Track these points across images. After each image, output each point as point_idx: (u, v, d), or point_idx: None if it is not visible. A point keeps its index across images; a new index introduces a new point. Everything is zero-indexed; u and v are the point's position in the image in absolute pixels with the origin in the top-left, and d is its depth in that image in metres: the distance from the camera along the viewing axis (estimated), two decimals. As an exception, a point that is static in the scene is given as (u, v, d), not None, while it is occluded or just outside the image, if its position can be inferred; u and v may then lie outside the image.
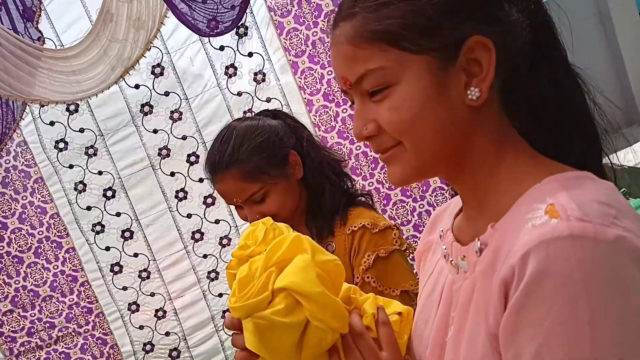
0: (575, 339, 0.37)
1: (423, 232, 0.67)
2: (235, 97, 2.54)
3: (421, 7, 0.45)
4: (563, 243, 0.39)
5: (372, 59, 0.47)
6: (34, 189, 2.63)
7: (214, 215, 2.66)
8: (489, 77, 0.47)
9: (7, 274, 2.70)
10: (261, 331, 0.54)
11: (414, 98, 0.47)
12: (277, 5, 2.46)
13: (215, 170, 1.04)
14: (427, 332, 0.56)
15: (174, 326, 2.76)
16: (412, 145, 0.49)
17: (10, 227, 2.65)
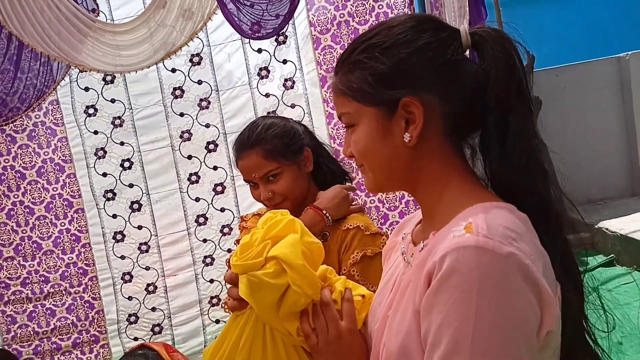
0: (464, 317, 0.53)
1: (392, 234, 0.83)
2: (262, 97, 2.75)
3: (367, 77, 0.64)
4: (469, 251, 0.54)
5: (343, 106, 0.68)
6: (57, 147, 2.82)
7: (221, 203, 2.84)
8: (418, 127, 0.63)
9: (17, 222, 2.87)
10: (252, 286, 0.70)
11: (366, 137, 0.66)
12: (318, 21, 2.69)
13: (242, 148, 1.22)
14: (379, 311, 0.70)
15: (161, 303, 2.92)
16: (369, 168, 0.68)
17: (28, 179, 2.84)
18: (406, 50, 0.63)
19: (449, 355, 0.53)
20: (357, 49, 0.67)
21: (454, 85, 0.63)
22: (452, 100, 0.64)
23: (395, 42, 0.64)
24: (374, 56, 0.64)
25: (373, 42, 0.65)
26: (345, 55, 0.69)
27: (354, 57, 0.66)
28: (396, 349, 0.61)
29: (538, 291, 0.55)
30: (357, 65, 0.66)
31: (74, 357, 2.89)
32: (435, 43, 0.64)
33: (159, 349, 1.40)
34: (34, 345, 2.87)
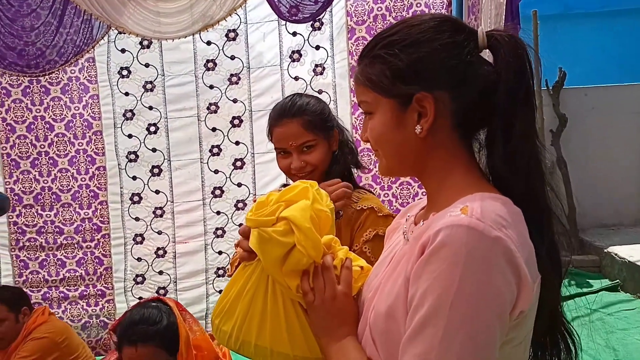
0: (447, 286, 0.59)
1: (397, 216, 0.91)
2: (291, 80, 2.84)
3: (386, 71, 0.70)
4: (462, 229, 0.60)
5: (362, 94, 0.74)
6: (87, 103, 2.96)
7: (239, 178, 2.95)
8: (429, 121, 0.69)
9: (40, 172, 3.02)
10: (262, 240, 0.77)
11: (381, 125, 0.72)
12: (355, 12, 2.77)
13: (283, 115, 1.26)
14: (374, 282, 0.77)
15: (169, 267, 3.05)
16: (382, 154, 0.75)
17: (56, 131, 2.98)
18: (424, 50, 0.69)
19: (428, 318, 0.60)
20: (379, 44, 0.72)
21: (465, 85, 0.68)
22: (462, 99, 0.69)
23: (414, 41, 0.69)
24: (394, 52, 0.69)
25: (394, 38, 0.71)
26: (367, 49, 0.74)
27: (376, 51, 0.72)
28: (384, 311, 0.68)
29: (518, 274, 0.61)
30: (378, 59, 0.71)
31: (80, 307, 3.04)
32: (451, 44, 0.69)
33: (171, 304, 1.51)
34: (43, 292, 3.03)
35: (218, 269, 3.01)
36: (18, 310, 2.04)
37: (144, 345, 1.36)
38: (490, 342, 0.60)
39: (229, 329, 0.83)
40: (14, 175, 3.02)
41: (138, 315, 1.42)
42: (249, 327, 0.82)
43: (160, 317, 1.42)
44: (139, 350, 1.36)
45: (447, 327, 0.59)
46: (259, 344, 0.81)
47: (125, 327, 1.40)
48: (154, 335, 1.37)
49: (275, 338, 0.81)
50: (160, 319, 1.41)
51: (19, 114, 2.97)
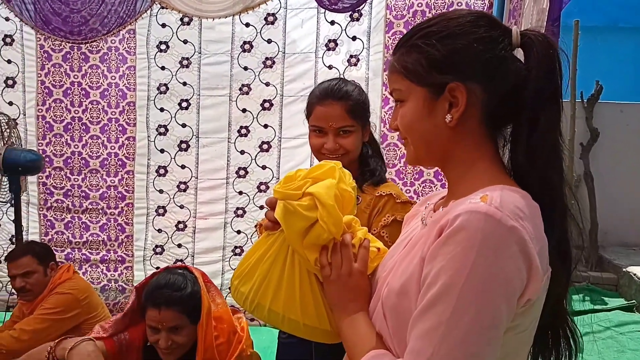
0: (460, 268, 0.63)
1: (417, 204, 0.95)
2: (325, 68, 2.89)
3: (422, 60, 0.73)
4: (479, 215, 0.63)
5: (396, 82, 0.77)
6: (124, 74, 3.06)
7: (264, 161, 3.02)
8: (460, 110, 0.72)
9: (71, 137, 3.14)
10: (287, 212, 0.82)
11: (412, 113, 0.75)
12: (395, 6, 2.81)
13: (328, 96, 1.30)
14: (389, 262, 0.81)
15: (187, 241, 3.15)
16: (411, 141, 0.78)
17: (91, 98, 3.09)
18: (460, 42, 0.71)
19: (440, 295, 0.64)
20: (417, 34, 0.75)
21: (497, 79, 0.71)
22: (493, 92, 0.72)
23: (451, 33, 0.72)
24: (431, 43, 0.73)
25: (432, 30, 0.74)
26: (405, 38, 0.77)
27: (413, 40, 0.75)
28: (397, 288, 0.72)
29: (529, 264, 0.64)
30: (415, 48, 0.74)
31: (100, 271, 3.17)
32: (487, 39, 0.71)
33: (197, 274, 1.54)
34: (66, 252, 3.16)
35: (235, 248, 3.10)
36: (46, 264, 2.15)
37: (167, 309, 1.41)
38: (497, 323, 0.63)
39: (246, 291, 0.88)
40: (47, 137, 3.15)
41: (164, 280, 1.47)
42: (265, 291, 0.87)
43: (185, 284, 1.47)
44: (162, 314, 1.41)
45: (457, 306, 0.62)
46: (272, 308, 0.86)
47: (151, 289, 1.46)
48: (177, 300, 1.41)
49: (288, 305, 0.86)
50: (184, 285, 1.46)
51: (57, 78, 3.09)
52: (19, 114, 3.09)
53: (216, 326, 1.48)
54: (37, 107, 3.12)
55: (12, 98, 3.13)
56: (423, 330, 0.64)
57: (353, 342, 0.77)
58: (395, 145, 2.91)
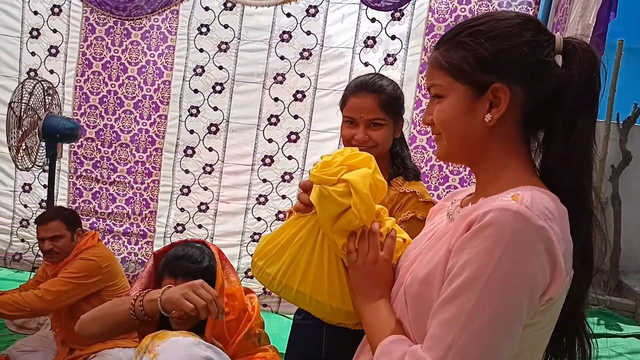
0: (487, 261, 0.65)
1: (442, 199, 0.97)
2: (361, 64, 2.91)
3: (469, 58, 0.74)
4: (510, 213, 0.65)
5: (437, 78, 0.78)
6: (163, 52, 3.12)
7: (290, 151, 3.06)
8: (501, 111, 0.74)
9: (106, 109, 3.22)
10: (321, 196, 0.84)
11: (451, 110, 0.76)
12: (438, 9, 2.80)
13: (363, 87, 1.34)
14: (412, 253, 0.84)
15: (208, 223, 3.21)
16: (445, 137, 0.79)
17: (129, 73, 3.17)
18: (508, 43, 0.73)
19: (463, 287, 0.66)
20: (464, 31, 0.76)
21: (539, 83, 0.73)
22: (533, 95, 0.74)
23: (500, 34, 0.73)
24: (479, 41, 0.74)
25: (481, 29, 0.75)
26: (451, 34, 0.78)
27: (460, 37, 0.76)
28: (421, 277, 0.74)
29: (553, 264, 0.66)
30: (462, 46, 0.75)
31: (121, 243, 3.25)
32: (534, 43, 0.73)
33: (214, 251, 1.56)
34: (92, 221, 3.26)
35: (254, 234, 3.14)
36: (74, 230, 2.23)
37: (182, 280, 1.43)
38: (517, 318, 0.65)
39: (273, 272, 0.90)
40: (83, 108, 3.24)
41: (183, 251, 1.49)
42: (294, 273, 0.89)
43: (202, 258, 1.49)
44: (177, 283, 1.42)
45: (480, 297, 0.65)
46: (300, 289, 0.89)
47: (169, 259, 1.49)
48: (193, 272, 1.44)
49: (315, 287, 0.88)
50: (201, 259, 1.48)
51: (98, 51, 3.18)
52: (59, 82, 3.19)
53: (227, 303, 1.50)
54: (76, 77, 3.21)
55: (53, 67, 3.22)
56: (445, 319, 0.67)
57: (374, 327, 0.80)
58: (423, 148, 2.91)
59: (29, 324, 2.50)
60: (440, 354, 0.65)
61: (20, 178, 3.37)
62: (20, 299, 2.01)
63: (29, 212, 3.39)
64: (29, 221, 3.38)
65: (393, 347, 0.73)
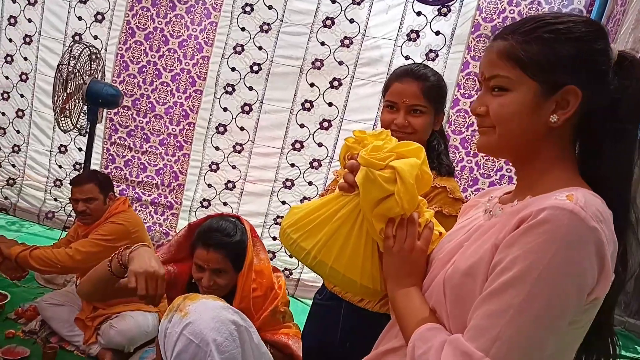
0: (539, 258, 0.66)
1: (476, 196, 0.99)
2: (401, 57, 2.91)
3: (549, 55, 0.74)
4: (565, 212, 0.67)
5: (505, 70, 0.77)
6: (205, 28, 3.18)
7: (321, 138, 3.10)
8: (569, 113, 0.75)
9: (144, 79, 3.31)
10: (367, 178, 0.86)
11: (516, 105, 0.76)
12: (486, 8, 2.78)
13: (408, 74, 1.36)
14: (447, 246, 0.86)
15: (233, 201, 3.29)
16: (500, 132, 0.78)
17: (169, 46, 3.24)
18: (586, 47, 0.74)
19: (513, 281, 0.68)
20: (542, 27, 0.76)
21: (602, 90, 0.76)
22: (596, 102, 0.76)
23: (580, 37, 0.74)
24: (561, 40, 0.74)
25: (560, 27, 0.75)
26: (526, 27, 0.77)
27: (539, 32, 0.75)
28: (464, 268, 0.76)
29: (602, 264, 0.68)
30: (540, 41, 0.75)
31: (148, 212, 3.36)
32: (604, 51, 0.76)
33: (247, 227, 1.62)
34: (121, 188, 3.37)
35: (277, 217, 3.21)
36: (106, 193, 2.32)
37: (215, 251, 1.51)
38: (564, 315, 0.68)
39: (308, 247, 0.93)
40: (122, 75, 3.33)
41: (217, 224, 1.56)
42: (329, 250, 0.92)
43: (235, 232, 1.55)
44: (210, 254, 1.51)
45: (530, 292, 0.67)
46: (334, 266, 0.91)
47: (204, 230, 1.55)
48: (225, 245, 1.51)
49: (349, 265, 0.92)
50: (234, 233, 1.55)
51: (142, 20, 3.26)
52: (101, 48, 3.28)
53: (255, 279, 1.56)
54: (118, 45, 3.31)
55: (98, 33, 3.32)
56: (491, 311, 0.69)
57: (407, 312, 0.83)
58: (455, 149, 2.91)
59: (56, 279, 2.63)
60: (485, 345, 0.67)
61: (57, 139, 3.50)
62: (53, 256, 2.12)
63: (62, 173, 3.53)
64: (62, 181, 3.53)
65: (431, 335, 0.75)
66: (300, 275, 3.20)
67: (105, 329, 2.15)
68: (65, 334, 2.21)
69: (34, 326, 2.25)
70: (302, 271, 3.20)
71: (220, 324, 1.06)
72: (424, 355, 0.73)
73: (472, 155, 2.90)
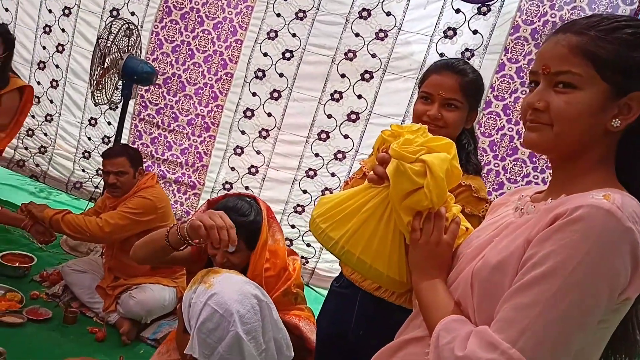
0: (573, 254, 0.68)
1: (506, 194, 0.99)
2: (436, 54, 2.92)
3: (629, 59, 0.74)
4: (602, 211, 0.68)
5: (578, 66, 0.75)
6: (241, 11, 3.23)
7: (348, 130, 3.14)
8: (631, 119, 0.76)
9: (176, 59, 3.40)
10: (397, 170, 0.88)
11: (584, 105, 0.75)
12: (527, 10, 2.77)
13: (447, 67, 1.37)
14: (475, 241, 0.88)
15: (255, 186, 3.37)
16: (558, 130, 0.77)
17: (204, 27, 3.31)
18: None
19: (545, 276, 0.69)
20: (622, 29, 0.75)
21: None
22: None
23: None
24: (639, 45, 0.74)
25: (638, 32, 0.75)
26: (604, 25, 0.76)
27: (620, 33, 0.75)
28: (494, 262, 0.77)
29: (635, 265, 0.69)
30: (621, 43, 0.75)
31: (171, 190, 3.47)
32: None
33: (263, 208, 1.66)
34: (147, 164, 3.48)
35: (297, 206, 3.28)
36: (136, 168, 2.42)
37: None
38: (594, 312, 0.69)
39: (336, 236, 0.96)
40: (156, 53, 3.43)
41: (232, 203, 1.60)
42: (357, 241, 0.94)
43: (250, 211, 1.59)
44: None
45: (561, 287, 0.68)
46: (361, 257, 0.94)
47: (219, 208, 1.57)
48: (239, 225, 1.51)
49: (376, 256, 0.94)
50: (249, 213, 1.59)
51: (179, 0, 3.34)
52: (137, 25, 3.38)
53: (269, 259, 1.60)
54: (154, 22, 3.40)
55: (135, 9, 3.42)
56: (520, 304, 0.70)
57: (433, 303, 0.86)
58: (483, 151, 2.92)
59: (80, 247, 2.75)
60: (512, 337, 0.69)
61: (88, 112, 3.63)
62: (83, 223, 2.23)
63: (91, 145, 3.66)
64: (90, 153, 3.66)
65: (456, 326, 0.77)
66: (316, 264, 3.27)
67: (125, 299, 2.25)
68: (86, 300, 2.33)
69: (57, 290, 2.37)
70: (318, 261, 3.27)
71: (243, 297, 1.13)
72: (448, 345, 0.75)
73: (500, 159, 2.91)
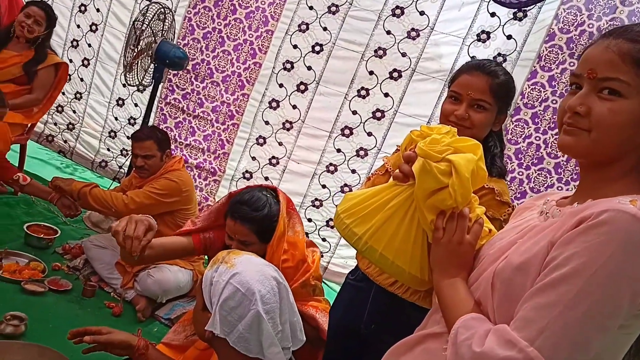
0: (596, 257, 0.69)
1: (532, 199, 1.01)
2: (467, 57, 2.93)
3: None
4: (627, 216, 0.69)
5: (627, 75, 0.76)
6: (274, 1, 3.27)
7: (372, 128, 3.17)
8: None
9: (207, 45, 3.47)
10: (423, 169, 0.91)
11: (627, 114, 0.76)
12: (564, 19, 2.77)
13: (478, 68, 1.37)
14: (497, 242, 0.89)
15: (275, 177, 3.43)
16: (596, 137, 0.78)
17: (237, 15, 3.36)
18: None
19: (567, 277, 0.70)
20: None
21: None
22: None
23: None
24: None
25: None
26: None
27: None
28: (517, 263, 0.79)
29: None
30: None
31: (192, 175, 3.55)
32: None
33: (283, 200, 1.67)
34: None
35: (315, 200, 3.33)
36: (164, 151, 2.50)
37: (241, 224, 1.60)
38: (615, 315, 0.70)
39: (360, 232, 0.99)
40: (187, 39, 3.51)
41: (249, 196, 1.63)
42: (380, 237, 0.97)
43: (264, 205, 1.62)
44: (236, 226, 1.60)
45: (582, 289, 0.69)
46: (384, 253, 0.97)
47: (235, 201, 1.64)
48: (251, 219, 1.58)
49: (399, 253, 0.97)
50: (263, 207, 1.61)
51: (213, -13, 3.42)
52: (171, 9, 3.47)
53: (287, 250, 1.63)
54: (187, 8, 3.48)
55: (169, -7, 3.51)
56: (540, 304, 0.72)
57: (452, 301, 0.88)
58: (508, 158, 2.94)
59: (102, 224, 2.86)
60: (531, 336, 0.70)
61: (116, 92, 3.74)
62: (110, 198, 2.32)
63: (118, 125, 3.77)
64: (116, 133, 3.77)
65: (475, 324, 0.79)
66: (331, 259, 3.32)
67: (143, 277, 2.34)
68: (105, 275, 2.42)
69: (78, 263, 2.47)
70: (333, 256, 3.32)
71: (264, 278, 1.18)
72: (467, 341, 0.76)
73: (525, 168, 2.92)
